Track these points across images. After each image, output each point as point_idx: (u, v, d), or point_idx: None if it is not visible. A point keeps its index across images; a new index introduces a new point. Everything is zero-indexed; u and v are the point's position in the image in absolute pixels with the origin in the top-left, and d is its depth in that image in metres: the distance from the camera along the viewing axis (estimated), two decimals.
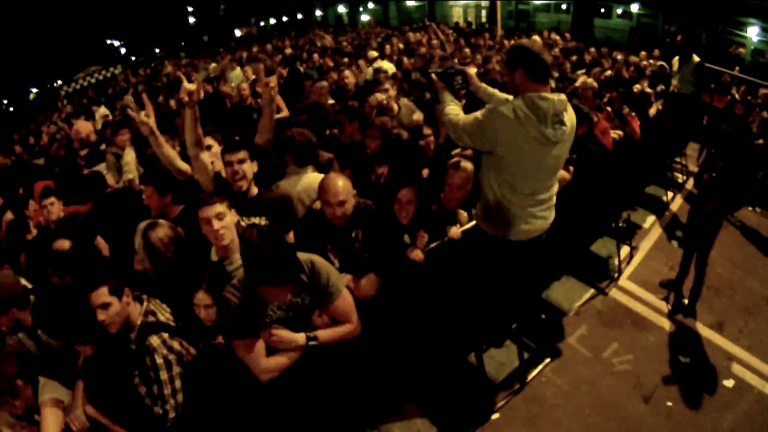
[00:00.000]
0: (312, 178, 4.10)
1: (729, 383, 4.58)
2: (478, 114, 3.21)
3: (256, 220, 3.73)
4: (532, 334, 4.98)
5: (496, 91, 3.64)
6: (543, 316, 5.36)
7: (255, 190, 3.86)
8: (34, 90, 51.50)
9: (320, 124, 5.27)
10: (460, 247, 3.84)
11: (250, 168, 3.77)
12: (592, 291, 5.75)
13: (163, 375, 2.79)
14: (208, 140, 4.46)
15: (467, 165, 3.98)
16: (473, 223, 3.91)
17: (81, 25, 51.60)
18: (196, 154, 3.85)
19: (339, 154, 4.93)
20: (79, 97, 21.12)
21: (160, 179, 4.00)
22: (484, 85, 3.70)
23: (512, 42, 14.22)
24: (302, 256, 2.83)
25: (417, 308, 3.81)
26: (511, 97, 3.31)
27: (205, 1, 51.84)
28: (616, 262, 6.19)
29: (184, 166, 4.05)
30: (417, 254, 3.58)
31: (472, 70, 3.75)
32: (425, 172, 4.71)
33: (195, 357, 2.97)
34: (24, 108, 44.41)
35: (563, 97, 3.15)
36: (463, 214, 4.11)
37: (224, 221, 3.15)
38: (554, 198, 3.57)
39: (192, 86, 3.74)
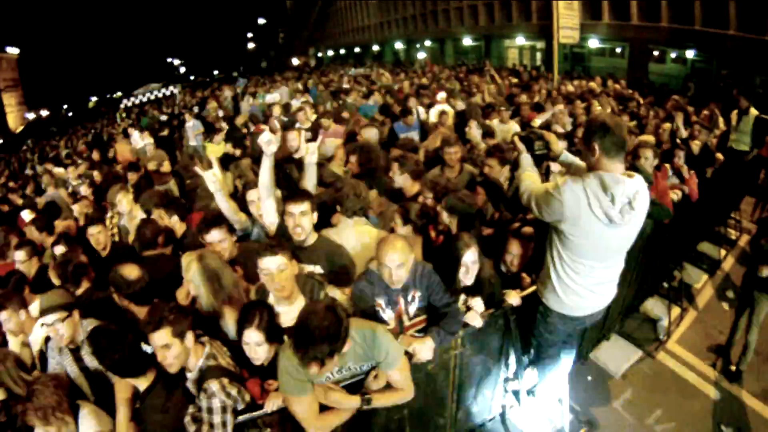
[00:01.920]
0: (362, 230, 4.15)
1: None
2: (550, 186, 3.21)
3: (311, 268, 3.79)
4: (577, 396, 4.92)
5: (576, 159, 3.63)
6: (589, 378, 5.30)
7: (313, 238, 3.91)
8: (94, 98, 53.55)
9: (370, 167, 5.34)
10: (517, 312, 3.86)
11: (310, 220, 3.83)
12: (640, 354, 5.66)
13: (216, 419, 2.83)
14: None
15: (528, 230, 3.98)
16: (533, 288, 3.89)
17: (144, 42, 53.54)
18: (267, 198, 4.06)
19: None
20: (139, 112, 21.92)
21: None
22: (565, 151, 3.70)
23: (568, 87, 14.26)
24: (364, 324, 2.90)
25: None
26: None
27: (265, 28, 53.19)
28: (666, 323, 6.08)
29: (243, 216, 4.31)
30: (476, 320, 3.59)
31: (556, 137, 3.75)
32: (487, 231, 4.69)
33: (247, 405, 2.99)
34: (82, 114, 46.08)
35: (638, 179, 3.10)
36: (526, 279, 4.10)
37: (284, 273, 3.21)
38: (617, 278, 3.54)
39: (272, 136, 3.91)
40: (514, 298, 3.85)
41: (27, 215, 7.37)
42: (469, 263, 3.61)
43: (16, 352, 3.94)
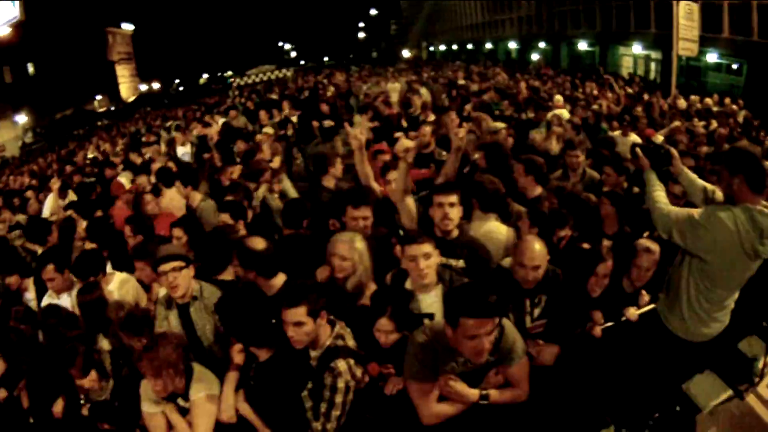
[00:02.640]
0: (494, 226, 4.15)
1: None
2: (695, 215, 3.17)
3: (453, 262, 3.82)
4: (662, 425, 4.82)
5: (695, 178, 3.58)
6: (678, 408, 5.17)
7: (456, 232, 3.93)
8: (205, 75, 56.20)
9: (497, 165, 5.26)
10: (632, 328, 3.82)
11: (458, 212, 3.86)
12: (730, 392, 5.45)
13: (339, 398, 2.86)
14: None
15: (656, 248, 3.88)
16: (651, 306, 3.85)
17: (256, 25, 55.37)
18: (402, 198, 4.17)
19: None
20: (250, 91, 22.70)
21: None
22: (686, 169, 3.64)
23: (681, 102, 13.66)
24: None
25: (574, 379, 3.76)
26: (708, 186, 3.34)
27: (376, 19, 53.76)
28: (761, 365, 5.80)
29: (376, 186, 4.44)
30: (597, 331, 3.59)
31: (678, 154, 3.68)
32: (607, 243, 4.56)
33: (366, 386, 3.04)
34: (193, 90, 48.36)
35: None
36: (645, 297, 4.03)
37: (429, 261, 3.27)
38: (733, 303, 3.51)
39: (409, 143, 4.05)
40: (632, 314, 3.80)
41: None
42: (602, 275, 3.62)
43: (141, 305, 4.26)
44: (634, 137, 8.17)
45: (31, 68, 42.55)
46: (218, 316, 3.36)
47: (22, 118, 40.02)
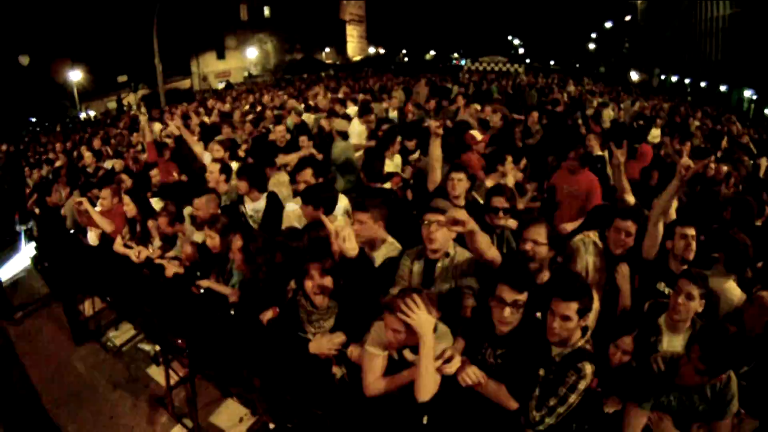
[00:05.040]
0: (732, 286, 4.13)
1: None
2: None
3: None
4: None
5: None
6: None
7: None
8: (432, 52, 58.21)
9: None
10: None
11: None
12: None
13: (572, 398, 2.97)
14: None
15: None
16: None
17: (489, 13, 55.72)
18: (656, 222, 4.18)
19: None
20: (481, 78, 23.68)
21: None
22: None
23: None
24: None
25: None
26: None
27: (610, 33, 51.50)
28: None
29: (630, 198, 4.97)
30: None
31: None
32: None
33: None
34: (418, 63, 49.82)
35: None
36: None
37: (690, 304, 3.44)
38: None
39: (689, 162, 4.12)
40: None
41: None
42: None
43: None
44: None
45: (267, 11, 47.40)
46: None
47: (252, 53, 45.49)
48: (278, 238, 4.57)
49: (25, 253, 10.97)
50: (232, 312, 4.60)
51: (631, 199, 5.02)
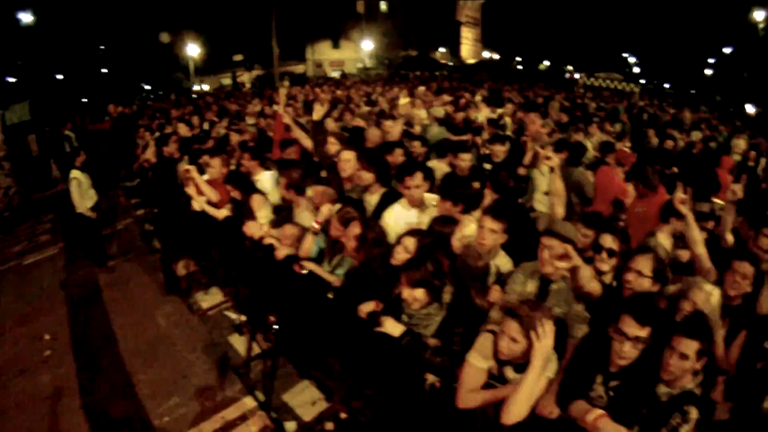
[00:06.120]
0: None
1: None
2: None
3: None
4: None
5: None
6: None
7: None
8: (546, 63, 57.11)
9: None
10: None
11: None
12: None
13: None
14: None
15: None
16: None
17: (605, 27, 53.77)
18: None
19: None
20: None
21: None
22: None
23: None
24: None
25: None
26: None
27: (729, 58, 48.05)
28: None
29: None
30: None
31: None
32: None
33: None
34: (531, 72, 49.18)
35: None
36: None
37: None
38: None
39: None
40: None
41: None
42: None
43: None
44: None
45: (383, 5, 48.22)
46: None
47: (367, 45, 46.05)
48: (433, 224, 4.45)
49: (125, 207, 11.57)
50: (331, 296, 4.50)
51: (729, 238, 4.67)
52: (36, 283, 9.03)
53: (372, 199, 5.42)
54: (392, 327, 3.56)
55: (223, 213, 6.29)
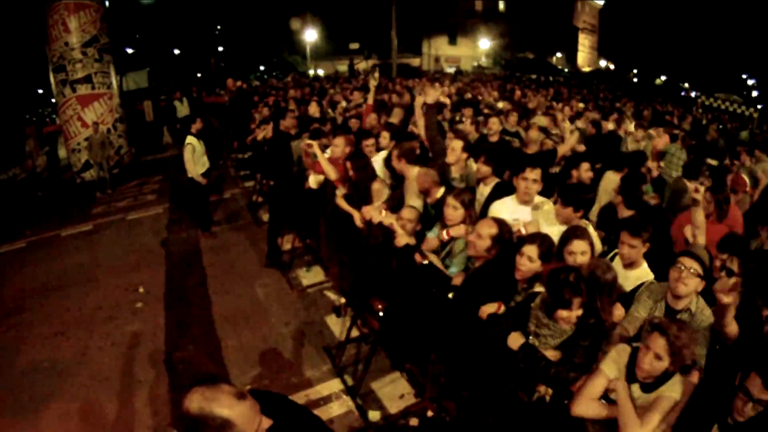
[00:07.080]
0: None
1: None
2: None
3: None
4: None
5: None
6: None
7: None
8: (663, 77, 54.56)
9: None
10: None
11: None
12: None
13: None
14: None
15: None
16: None
17: (725, 45, 50.84)
18: None
19: None
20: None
21: None
22: None
23: None
24: None
25: None
26: None
27: None
28: None
29: None
30: None
31: None
32: None
33: None
34: (648, 87, 46.83)
35: None
36: None
37: None
38: None
39: None
40: None
41: None
42: None
43: None
44: None
45: (501, 5, 47.54)
46: None
47: (485, 43, 45.86)
48: None
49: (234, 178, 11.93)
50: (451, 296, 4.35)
51: None
52: (137, 239, 9.51)
53: (485, 190, 5.57)
54: (513, 340, 3.45)
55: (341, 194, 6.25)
